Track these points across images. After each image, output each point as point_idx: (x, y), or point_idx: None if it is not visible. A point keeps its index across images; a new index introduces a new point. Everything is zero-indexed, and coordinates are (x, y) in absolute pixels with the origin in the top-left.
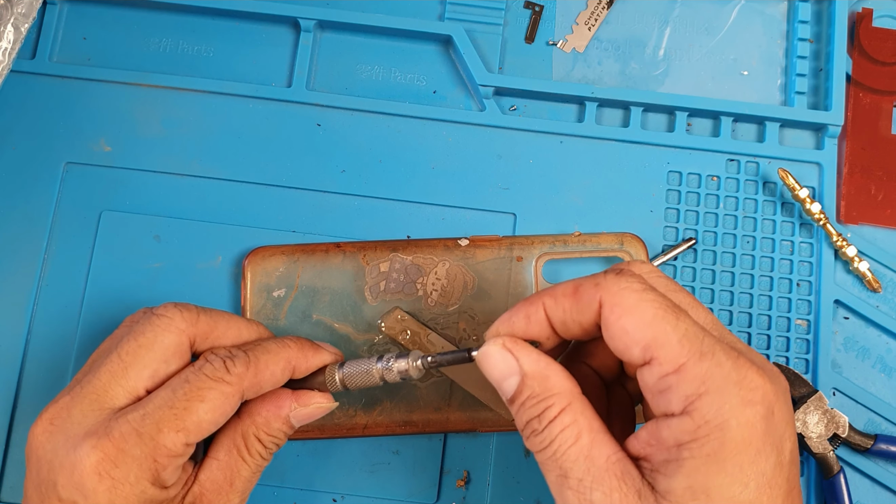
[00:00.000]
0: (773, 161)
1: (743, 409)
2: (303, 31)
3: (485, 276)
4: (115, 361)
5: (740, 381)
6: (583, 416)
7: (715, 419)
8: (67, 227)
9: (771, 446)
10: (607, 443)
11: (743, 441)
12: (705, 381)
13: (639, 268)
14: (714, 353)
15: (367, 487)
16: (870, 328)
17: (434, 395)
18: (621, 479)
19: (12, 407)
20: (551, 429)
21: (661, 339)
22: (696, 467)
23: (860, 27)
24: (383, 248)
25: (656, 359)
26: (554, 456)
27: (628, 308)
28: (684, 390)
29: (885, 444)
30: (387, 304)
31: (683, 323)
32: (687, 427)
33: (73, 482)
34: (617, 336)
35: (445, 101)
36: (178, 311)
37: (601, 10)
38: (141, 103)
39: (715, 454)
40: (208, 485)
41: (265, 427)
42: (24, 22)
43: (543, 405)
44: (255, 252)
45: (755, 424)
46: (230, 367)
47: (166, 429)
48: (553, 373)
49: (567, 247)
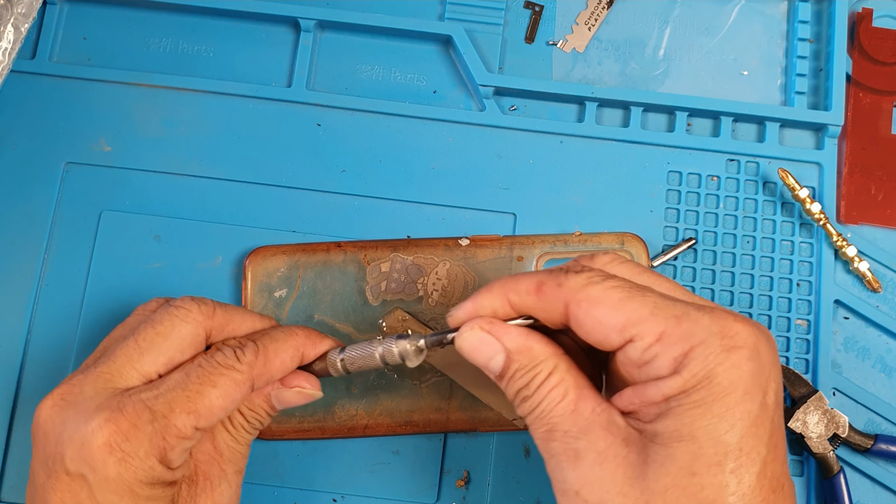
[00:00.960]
0: (773, 161)
1: (727, 354)
2: (303, 31)
3: (485, 275)
4: (132, 346)
5: (721, 331)
6: (568, 374)
7: (702, 371)
8: (67, 227)
9: (757, 388)
10: (593, 397)
11: (730, 384)
12: (688, 339)
13: (598, 260)
14: (688, 313)
15: (367, 487)
16: (870, 328)
17: (434, 395)
18: (606, 428)
19: (12, 407)
20: (540, 391)
21: (635, 317)
22: (683, 412)
23: (860, 27)
24: (384, 247)
25: (636, 335)
26: (542, 414)
27: (595, 300)
28: (671, 353)
29: (885, 444)
30: (388, 304)
31: (650, 297)
32: (676, 384)
33: (83, 455)
34: (592, 329)
35: (445, 101)
36: (195, 304)
37: (601, 10)
38: (141, 103)
39: (703, 399)
40: (200, 456)
41: (247, 402)
42: (24, 22)
43: (531, 374)
44: (256, 252)
45: (741, 366)
46: (240, 355)
47: (178, 409)
48: (535, 342)
49: (568, 247)
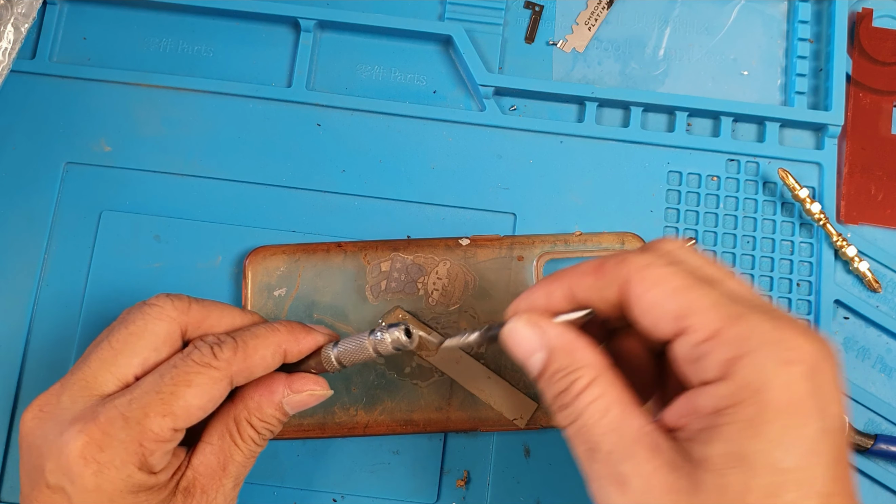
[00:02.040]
0: (773, 161)
1: (784, 368)
2: (303, 31)
3: (486, 275)
4: (106, 349)
5: (780, 342)
6: (612, 387)
7: (754, 381)
8: (67, 227)
9: (816, 409)
10: (637, 415)
11: (785, 403)
12: (742, 343)
13: (667, 244)
14: (750, 316)
15: (367, 487)
16: (870, 328)
17: (435, 395)
18: (652, 450)
19: (12, 407)
20: (579, 401)
21: (693, 307)
22: (734, 432)
23: (860, 27)
24: (384, 247)
25: (690, 327)
26: (583, 429)
27: (655, 280)
28: (721, 355)
29: (885, 444)
30: (388, 303)
31: (715, 290)
32: (724, 392)
33: (60, 467)
34: (646, 310)
35: (445, 101)
36: (169, 300)
37: (601, 10)
38: (141, 103)
39: (755, 418)
40: (202, 469)
41: (257, 412)
42: (24, 22)
43: (571, 378)
44: (256, 251)
45: (797, 385)
46: (217, 352)
47: (153, 413)
48: (580, 346)
49: (568, 246)
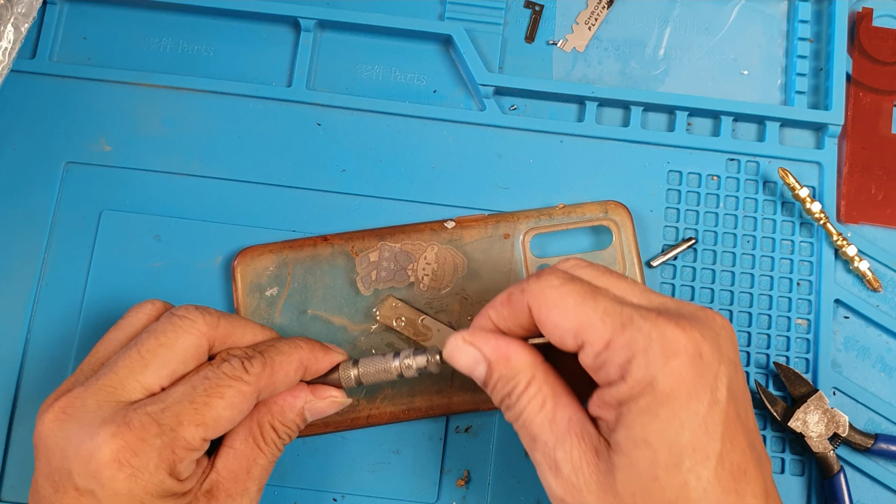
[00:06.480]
0: (773, 160)
1: (666, 361)
2: (303, 31)
3: (474, 256)
4: (135, 357)
5: (660, 338)
6: (546, 384)
7: (644, 377)
8: (67, 227)
9: (702, 388)
10: (569, 405)
11: (672, 389)
12: (630, 347)
13: (562, 265)
14: (633, 320)
15: (367, 487)
16: (870, 328)
17: (435, 379)
18: (581, 437)
19: (12, 407)
20: (520, 402)
21: (586, 323)
22: (633, 420)
23: (860, 27)
24: (370, 237)
25: (587, 341)
26: (525, 424)
27: (553, 303)
28: (616, 360)
29: (885, 444)
30: (379, 292)
31: (602, 302)
32: (624, 389)
33: (90, 471)
34: (550, 331)
35: (445, 101)
36: (200, 314)
37: (601, 9)
38: (141, 103)
39: (649, 406)
40: (225, 473)
41: (280, 416)
42: (24, 22)
43: (511, 384)
44: (244, 252)
45: (680, 372)
46: (248, 367)
47: (186, 422)
48: (513, 353)
49: (552, 220)
